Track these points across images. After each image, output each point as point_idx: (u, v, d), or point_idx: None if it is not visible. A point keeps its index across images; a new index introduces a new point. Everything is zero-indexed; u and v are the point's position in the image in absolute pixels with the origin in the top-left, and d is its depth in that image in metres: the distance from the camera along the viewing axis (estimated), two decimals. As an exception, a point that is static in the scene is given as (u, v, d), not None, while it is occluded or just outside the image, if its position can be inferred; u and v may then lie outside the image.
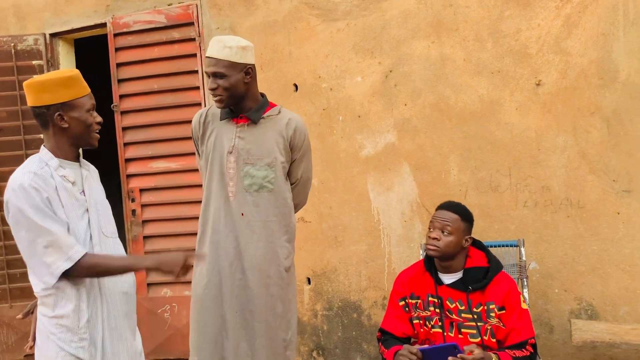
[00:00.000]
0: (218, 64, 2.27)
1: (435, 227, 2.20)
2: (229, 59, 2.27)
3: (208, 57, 2.30)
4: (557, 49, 2.90)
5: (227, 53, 2.27)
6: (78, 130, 1.90)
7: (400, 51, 3.23)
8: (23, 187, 1.79)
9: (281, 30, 3.52)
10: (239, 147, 2.37)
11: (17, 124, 4.01)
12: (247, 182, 2.37)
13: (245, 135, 2.38)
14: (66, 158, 1.93)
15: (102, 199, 2.04)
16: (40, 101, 1.86)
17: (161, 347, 3.84)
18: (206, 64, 2.32)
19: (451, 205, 2.25)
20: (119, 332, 1.98)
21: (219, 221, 2.39)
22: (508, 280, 2.22)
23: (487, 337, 2.14)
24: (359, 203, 3.38)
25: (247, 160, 2.37)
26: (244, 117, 2.38)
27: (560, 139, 2.91)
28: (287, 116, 2.43)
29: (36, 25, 4.18)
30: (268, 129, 2.39)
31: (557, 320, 2.94)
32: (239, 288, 2.37)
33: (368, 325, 3.39)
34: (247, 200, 2.37)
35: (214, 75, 2.28)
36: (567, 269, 2.91)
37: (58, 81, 1.86)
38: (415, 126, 3.22)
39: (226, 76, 2.27)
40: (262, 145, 2.37)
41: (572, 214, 2.90)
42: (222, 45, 2.27)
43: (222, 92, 2.29)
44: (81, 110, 1.89)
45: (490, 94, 3.04)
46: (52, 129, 1.89)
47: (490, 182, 3.07)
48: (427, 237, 2.22)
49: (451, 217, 2.19)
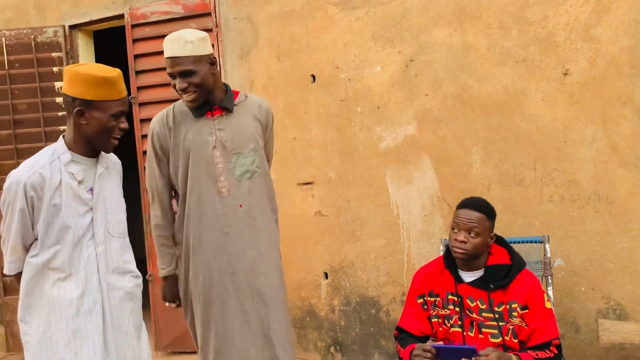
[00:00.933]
0: (184, 62, 2.19)
1: (461, 228, 2.09)
2: (194, 54, 2.20)
3: (170, 57, 2.21)
4: (586, 37, 2.77)
5: (190, 48, 2.19)
6: (94, 131, 1.87)
7: (421, 40, 3.13)
8: (18, 183, 1.81)
9: (299, 20, 3.45)
10: (223, 139, 2.33)
11: (37, 116, 4.04)
12: (238, 172, 2.33)
13: (224, 126, 2.34)
14: (81, 153, 1.92)
15: (114, 197, 2.00)
16: (70, 90, 1.85)
17: (178, 340, 3.83)
18: (169, 65, 2.22)
19: (476, 204, 2.13)
20: (123, 331, 1.96)
21: (214, 220, 2.33)
22: (531, 278, 2.12)
23: (508, 338, 2.05)
24: (378, 197, 3.30)
25: (233, 150, 2.34)
26: (217, 108, 2.34)
27: (589, 131, 2.78)
28: (256, 100, 2.46)
29: (55, 17, 4.19)
30: (243, 115, 2.38)
31: (584, 320, 2.82)
32: (253, 278, 2.36)
33: (386, 321, 3.31)
34: (242, 190, 2.34)
35: (182, 74, 2.20)
36: (594, 266, 2.79)
37: (91, 78, 1.82)
38: (436, 117, 3.12)
39: (195, 72, 2.21)
40: (243, 132, 2.35)
41: (600, 209, 2.77)
42: (182, 42, 2.19)
43: (194, 89, 2.23)
44: (105, 112, 1.85)
45: (515, 84, 2.92)
46: (73, 121, 1.88)
47: (515, 176, 2.96)
48: (453, 238, 2.11)
49: (477, 217, 2.09)
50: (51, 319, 1.84)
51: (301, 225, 3.52)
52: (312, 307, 3.56)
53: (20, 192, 1.80)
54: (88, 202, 1.90)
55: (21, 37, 4.05)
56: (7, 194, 1.84)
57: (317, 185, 3.47)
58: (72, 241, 1.86)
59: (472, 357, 1.89)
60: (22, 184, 1.80)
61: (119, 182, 2.08)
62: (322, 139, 3.43)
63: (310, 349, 3.57)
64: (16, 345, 4.10)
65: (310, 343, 3.57)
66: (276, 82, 3.54)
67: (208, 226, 2.33)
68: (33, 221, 1.85)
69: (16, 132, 4.06)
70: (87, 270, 1.87)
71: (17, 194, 1.81)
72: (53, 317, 1.84)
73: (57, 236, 1.84)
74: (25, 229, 1.85)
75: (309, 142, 3.47)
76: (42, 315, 1.84)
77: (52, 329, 1.84)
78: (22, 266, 1.90)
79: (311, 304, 3.56)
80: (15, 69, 4.05)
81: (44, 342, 1.84)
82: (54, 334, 1.84)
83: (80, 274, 1.86)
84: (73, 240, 1.86)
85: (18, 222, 1.83)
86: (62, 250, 1.85)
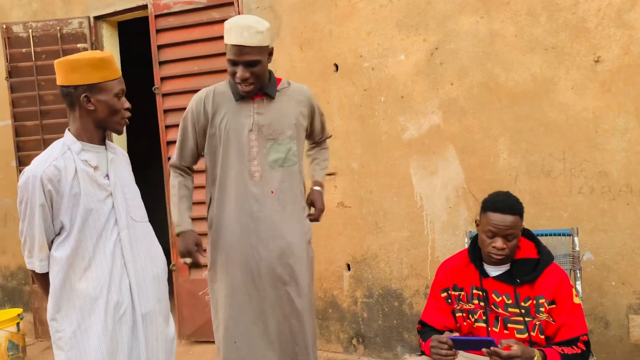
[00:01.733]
0: (253, 51, 2.17)
1: (497, 235, 2.01)
2: (261, 44, 2.19)
3: (238, 45, 2.16)
4: (619, 22, 2.66)
5: (259, 39, 2.17)
6: (104, 114, 1.88)
7: (446, 27, 3.06)
8: (35, 177, 1.80)
9: (321, 8, 3.40)
10: (260, 124, 2.31)
11: (63, 106, 4.02)
12: (271, 158, 2.31)
13: (264, 111, 2.32)
14: (91, 141, 1.91)
15: (130, 182, 2.01)
16: (68, 81, 1.84)
17: (201, 329, 3.85)
18: (236, 52, 2.17)
19: (508, 206, 2.02)
20: (150, 316, 1.95)
21: (244, 204, 2.31)
22: (559, 272, 2.06)
23: (535, 333, 2.00)
24: (401, 188, 3.25)
25: (269, 135, 2.32)
26: (260, 93, 2.32)
27: (621, 121, 2.68)
28: (298, 87, 2.44)
29: (81, 9, 4.22)
30: (284, 102, 2.36)
31: (614, 316, 2.74)
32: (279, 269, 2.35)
33: (410, 314, 3.27)
34: (274, 176, 2.32)
35: (248, 64, 2.18)
36: (625, 260, 2.71)
37: (88, 62, 1.83)
38: (462, 107, 3.05)
39: (260, 62, 2.21)
40: (282, 119, 2.33)
41: (632, 201, 2.68)
42: (253, 32, 2.15)
43: (254, 80, 2.23)
44: (109, 93, 1.86)
45: (543, 72, 2.83)
46: (78, 111, 1.88)
47: (543, 167, 2.88)
48: (489, 245, 2.02)
49: (513, 221, 2.00)
50: (84, 311, 1.84)
51: (324, 217, 3.49)
52: (335, 298, 3.54)
53: (38, 186, 1.79)
54: (107, 188, 1.90)
55: (47, 28, 4.09)
56: (24, 191, 1.82)
57: (340, 176, 3.43)
58: (96, 229, 1.86)
59: (491, 347, 1.84)
60: (38, 179, 1.79)
61: (130, 169, 2.09)
62: (345, 129, 3.39)
63: (333, 340, 3.55)
64: (45, 333, 4.18)
65: (332, 335, 3.56)
66: (298, 71, 3.50)
67: (238, 208, 2.32)
68: (53, 216, 1.84)
69: (43, 123, 4.11)
70: (113, 256, 1.87)
71: (35, 189, 1.80)
72: (85, 310, 1.84)
73: (81, 226, 1.84)
74: (46, 225, 1.84)
75: (332, 132, 3.41)
76: (74, 310, 1.84)
77: (86, 322, 1.84)
78: (48, 265, 1.89)
79: (333, 295, 3.54)
80: (41, 60, 4.09)
81: (79, 334, 1.84)
82: (88, 327, 1.84)
83: (106, 260, 1.86)
84: (97, 228, 1.86)
85: (40, 218, 1.82)
86: (86, 240, 1.85)
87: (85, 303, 1.83)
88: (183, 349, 3.81)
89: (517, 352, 1.83)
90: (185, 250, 2.34)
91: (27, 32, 4.09)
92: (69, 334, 1.84)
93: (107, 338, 1.84)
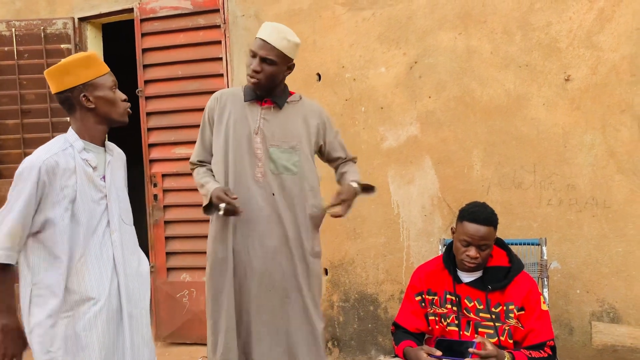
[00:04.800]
0: (272, 50, 2.28)
1: (471, 244, 2.10)
2: (283, 50, 2.29)
3: (263, 39, 2.28)
4: (588, 44, 2.81)
5: (284, 44, 2.29)
6: (105, 109, 1.92)
7: (426, 42, 3.18)
8: (33, 166, 1.80)
9: (306, 19, 3.49)
10: (264, 129, 2.39)
11: (45, 106, 4.08)
12: (272, 165, 2.38)
13: (270, 118, 2.40)
14: (92, 141, 1.94)
15: (123, 185, 2.05)
16: (63, 85, 1.88)
17: (179, 332, 3.88)
18: (258, 46, 2.29)
19: (484, 218, 2.11)
20: (137, 316, 1.99)
21: (249, 200, 2.36)
22: (529, 280, 2.17)
23: (504, 338, 2.10)
24: (379, 195, 3.33)
25: (271, 142, 2.38)
26: (269, 100, 2.40)
27: (588, 137, 2.83)
28: (309, 102, 2.51)
29: (65, 9, 4.22)
30: (292, 114, 2.43)
31: (578, 322, 2.88)
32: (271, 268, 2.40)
33: (384, 318, 3.37)
34: (275, 181, 2.39)
35: (264, 59, 2.29)
36: (590, 269, 2.85)
37: (77, 62, 1.88)
38: (438, 119, 3.17)
39: (275, 64, 2.30)
40: (286, 129, 2.40)
41: (597, 213, 2.83)
42: (281, 36, 2.28)
43: (263, 77, 2.31)
44: (104, 88, 1.91)
45: (517, 88, 2.97)
46: (79, 112, 1.91)
47: (514, 179, 3.01)
48: (463, 253, 2.11)
49: (487, 231, 2.10)
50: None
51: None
52: (312, 302, 3.61)
53: (34, 175, 1.78)
54: (102, 189, 1.93)
55: (31, 27, 4.09)
56: (18, 179, 1.81)
57: (321, 183, 3.51)
58: (89, 229, 1.88)
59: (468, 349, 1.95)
60: (36, 168, 1.79)
61: (125, 172, 2.12)
62: (326, 137, 3.47)
63: (309, 343, 3.62)
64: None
65: (308, 337, 3.63)
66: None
67: (242, 204, 2.34)
68: (37, 210, 1.81)
69: (24, 121, 4.10)
70: (103, 257, 1.89)
71: (30, 178, 1.78)
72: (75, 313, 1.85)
73: (73, 224, 1.85)
74: (26, 216, 1.79)
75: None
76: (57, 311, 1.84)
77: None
78: (15, 258, 1.82)
79: (311, 299, 3.61)
80: (24, 60, 4.09)
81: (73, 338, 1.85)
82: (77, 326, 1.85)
83: (98, 261, 1.88)
84: (90, 228, 1.88)
85: (23, 206, 1.78)
86: (79, 239, 1.86)
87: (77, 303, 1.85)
88: (160, 350, 3.83)
89: (494, 352, 1.94)
90: (216, 199, 2.28)
91: (10, 31, 4.08)
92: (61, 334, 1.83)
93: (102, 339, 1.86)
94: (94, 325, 1.85)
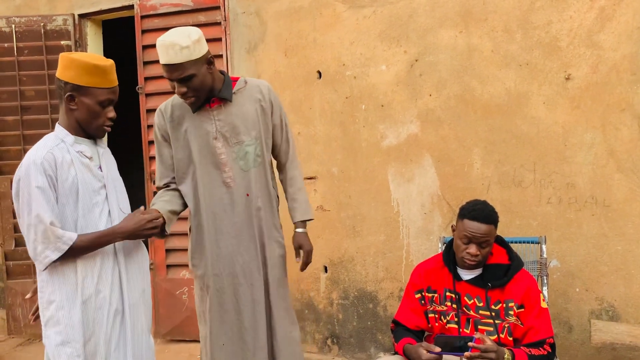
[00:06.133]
0: (181, 68, 2.15)
1: (472, 242, 2.10)
2: (190, 59, 2.15)
3: (166, 64, 2.15)
4: (589, 43, 2.82)
5: (186, 54, 2.14)
6: (83, 116, 1.92)
7: (426, 40, 3.18)
8: (35, 163, 1.81)
9: (307, 16, 3.49)
10: (222, 130, 2.33)
11: (45, 103, 4.08)
12: (242, 162, 2.35)
13: (223, 116, 2.34)
14: (80, 135, 1.96)
15: (117, 175, 2.07)
16: (62, 75, 1.90)
17: (178, 328, 3.89)
18: (167, 71, 2.17)
19: (485, 216, 2.11)
20: (136, 307, 2.01)
21: (223, 212, 2.36)
22: (528, 278, 2.17)
23: (503, 335, 2.11)
24: (379, 193, 3.35)
25: (233, 140, 2.34)
26: (216, 99, 2.33)
27: (588, 136, 2.83)
28: (255, 83, 2.42)
29: (65, 6, 4.22)
30: (243, 102, 2.36)
31: (577, 320, 2.89)
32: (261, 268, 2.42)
33: (384, 316, 3.37)
34: (248, 178, 2.37)
35: (181, 80, 2.18)
36: (589, 268, 2.85)
37: (84, 65, 1.88)
38: (439, 117, 3.17)
39: (194, 75, 2.18)
40: (244, 120, 2.35)
41: (597, 212, 2.83)
42: (177, 49, 2.12)
43: (193, 93, 2.23)
44: (93, 99, 1.89)
45: (517, 87, 2.97)
46: (64, 106, 1.93)
47: (514, 177, 3.01)
48: (464, 250, 2.12)
49: (488, 229, 2.10)
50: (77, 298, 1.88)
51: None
52: (311, 300, 3.62)
53: (40, 170, 1.79)
54: (101, 179, 1.95)
55: (31, 24, 4.09)
56: (23, 181, 1.81)
57: (320, 180, 3.52)
58: (91, 219, 1.90)
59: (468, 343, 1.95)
60: (39, 164, 1.80)
61: (115, 163, 2.13)
62: (327, 135, 3.48)
63: (308, 340, 3.63)
64: (17, 329, 4.15)
65: (308, 335, 3.63)
66: (282, 77, 3.59)
67: (218, 218, 2.36)
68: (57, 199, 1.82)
69: (23, 118, 4.10)
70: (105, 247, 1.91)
71: (37, 174, 1.79)
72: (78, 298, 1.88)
73: (76, 215, 1.87)
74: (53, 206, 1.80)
75: (313, 137, 3.52)
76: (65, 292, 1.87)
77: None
78: (72, 238, 1.81)
79: (310, 296, 3.62)
80: (24, 56, 4.09)
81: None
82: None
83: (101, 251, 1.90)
84: (92, 218, 1.90)
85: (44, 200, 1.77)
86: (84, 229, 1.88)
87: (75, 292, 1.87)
88: (159, 347, 3.83)
89: (494, 347, 1.94)
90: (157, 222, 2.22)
91: (10, 27, 4.08)
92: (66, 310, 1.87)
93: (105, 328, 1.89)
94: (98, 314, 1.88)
